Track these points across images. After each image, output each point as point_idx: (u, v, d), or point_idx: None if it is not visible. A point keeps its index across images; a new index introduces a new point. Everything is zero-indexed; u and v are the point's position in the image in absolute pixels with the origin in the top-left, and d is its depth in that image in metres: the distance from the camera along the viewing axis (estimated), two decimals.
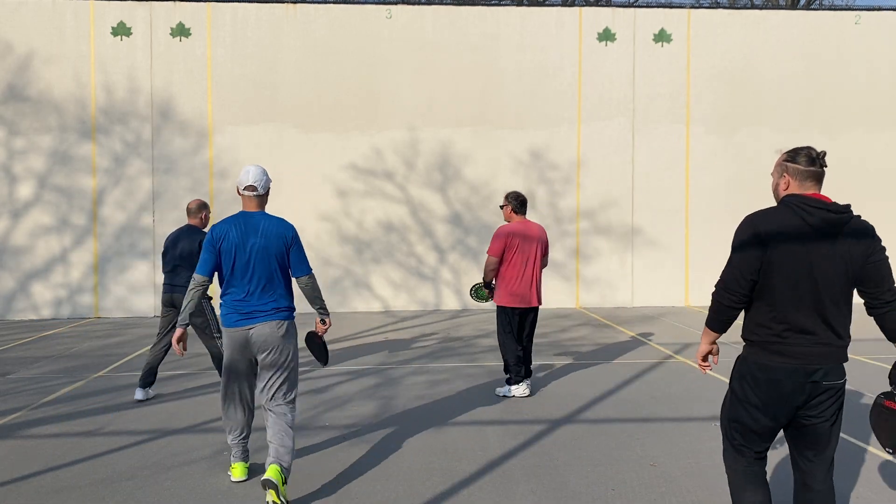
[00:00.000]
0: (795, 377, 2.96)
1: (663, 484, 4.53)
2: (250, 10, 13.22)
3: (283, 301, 4.34)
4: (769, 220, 2.97)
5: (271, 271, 4.28)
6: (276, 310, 4.30)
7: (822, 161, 3.01)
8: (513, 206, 6.80)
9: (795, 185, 3.04)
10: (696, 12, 13.86)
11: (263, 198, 4.41)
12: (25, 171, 12.84)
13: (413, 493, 4.42)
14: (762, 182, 13.78)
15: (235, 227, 4.28)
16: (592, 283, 13.67)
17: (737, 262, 3.01)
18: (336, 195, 13.32)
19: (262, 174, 4.36)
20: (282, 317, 4.31)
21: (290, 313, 4.37)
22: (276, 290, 4.31)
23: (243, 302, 4.27)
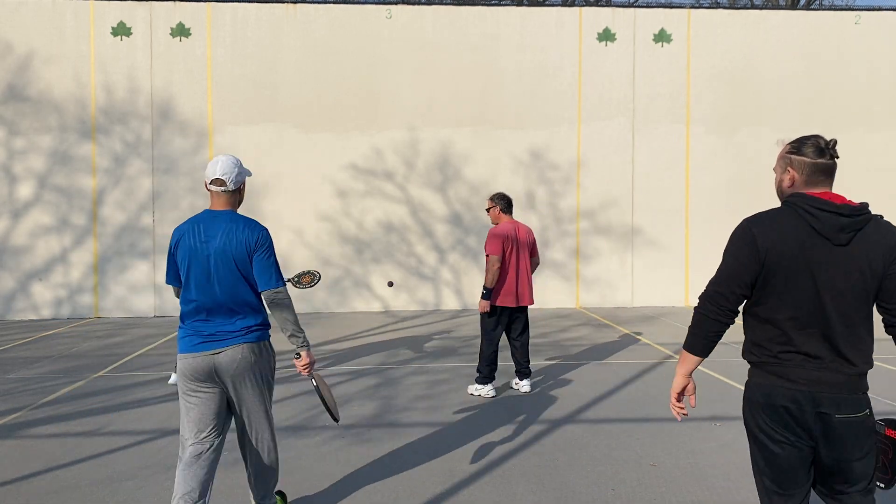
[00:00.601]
0: (799, 404, 2.49)
1: (663, 484, 4.53)
2: (250, 10, 13.22)
3: (255, 317, 3.63)
4: (768, 225, 2.52)
5: (237, 282, 3.55)
6: (248, 329, 3.60)
7: (832, 152, 2.55)
8: (501, 207, 6.92)
9: (802, 182, 2.57)
10: (696, 12, 13.86)
11: (234, 195, 3.65)
12: (25, 171, 12.84)
13: (413, 493, 4.42)
14: (762, 182, 13.79)
15: (193, 230, 3.56)
16: (592, 283, 13.66)
17: (727, 272, 2.58)
18: (336, 195, 13.32)
19: (234, 166, 3.61)
20: (255, 337, 3.62)
21: (266, 333, 3.70)
22: (246, 305, 3.59)
23: (204, 320, 3.57)
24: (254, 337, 3.62)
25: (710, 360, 8.31)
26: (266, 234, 3.62)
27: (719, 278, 2.61)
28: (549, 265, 13.56)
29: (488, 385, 6.75)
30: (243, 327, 3.59)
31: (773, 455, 2.55)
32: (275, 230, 13.17)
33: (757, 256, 2.51)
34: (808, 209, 2.49)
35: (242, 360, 3.57)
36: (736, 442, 5.35)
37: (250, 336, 3.60)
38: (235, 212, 3.66)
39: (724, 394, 6.79)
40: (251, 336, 3.61)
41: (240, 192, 3.70)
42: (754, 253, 2.51)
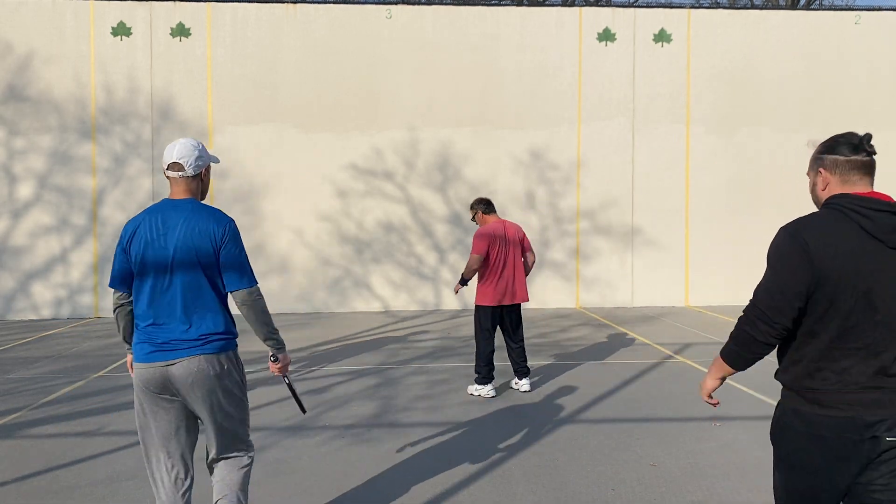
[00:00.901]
0: (847, 432, 2.18)
1: (663, 484, 4.53)
2: (250, 10, 13.22)
3: (218, 324, 3.16)
4: (818, 229, 2.22)
5: (199, 282, 3.10)
6: (206, 338, 3.12)
7: (868, 147, 2.34)
8: (481, 210, 6.96)
9: (837, 183, 2.33)
10: (696, 12, 13.86)
11: (195, 182, 3.22)
12: (25, 171, 12.84)
13: (413, 493, 4.42)
14: (762, 182, 13.80)
15: (149, 222, 3.12)
16: (592, 283, 13.66)
17: (778, 285, 2.24)
18: (336, 195, 13.31)
19: (193, 149, 3.19)
20: (217, 348, 3.13)
21: (231, 343, 3.22)
22: (208, 310, 3.14)
23: (158, 326, 3.11)
24: (214, 347, 3.12)
25: (710, 360, 8.31)
26: (233, 225, 3.17)
27: (770, 293, 2.27)
28: (549, 265, 13.56)
29: (488, 385, 6.75)
30: (201, 336, 3.10)
31: (810, 488, 2.27)
32: (275, 230, 13.17)
33: (810, 265, 2.21)
34: (857, 209, 2.23)
35: (199, 374, 3.07)
36: (736, 442, 5.35)
37: (209, 347, 3.11)
38: (198, 200, 3.23)
39: (725, 394, 6.79)
40: (210, 347, 3.11)
41: (201, 178, 3.25)
42: (807, 262, 2.21)
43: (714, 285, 13.70)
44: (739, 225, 13.77)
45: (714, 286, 13.69)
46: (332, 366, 8.25)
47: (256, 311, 3.19)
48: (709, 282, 13.68)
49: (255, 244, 13.16)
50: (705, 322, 11.51)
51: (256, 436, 5.56)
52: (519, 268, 6.82)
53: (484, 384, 6.75)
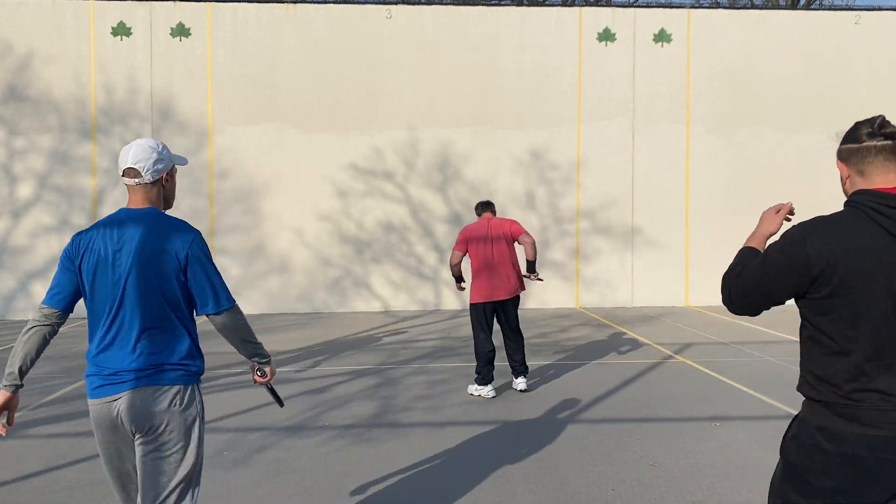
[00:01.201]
0: (877, 452, 1.98)
1: (663, 484, 4.53)
2: (250, 10, 13.22)
3: (175, 353, 2.70)
4: (827, 230, 2.03)
5: (157, 306, 2.67)
6: (156, 368, 2.66)
7: (887, 130, 2.04)
8: (476, 212, 7.11)
9: (856, 174, 2.09)
10: (696, 12, 13.85)
11: (155, 189, 2.78)
12: (25, 171, 12.84)
13: (413, 493, 4.42)
14: (762, 182, 13.80)
15: (103, 236, 2.70)
16: (592, 282, 13.66)
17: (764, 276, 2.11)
18: (336, 195, 13.31)
19: (151, 151, 2.75)
20: (169, 379, 2.67)
21: (189, 375, 2.72)
22: (165, 336, 2.69)
23: (107, 355, 2.67)
24: (165, 379, 2.66)
25: (710, 360, 8.31)
26: (199, 239, 2.74)
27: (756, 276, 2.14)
28: (549, 265, 13.56)
29: (488, 386, 6.74)
30: (151, 365, 2.65)
31: None
32: (275, 230, 13.17)
33: (798, 268, 2.03)
34: (876, 207, 1.98)
35: (144, 410, 2.63)
36: (736, 442, 5.35)
37: (159, 378, 2.66)
38: (160, 211, 2.80)
39: (725, 394, 6.79)
40: (161, 378, 2.66)
41: (162, 184, 2.81)
42: (796, 264, 2.04)
43: (714, 285, 13.66)
44: (739, 225, 13.75)
45: (714, 286, 13.66)
46: (332, 366, 8.25)
47: (238, 332, 2.80)
48: (709, 282, 13.66)
49: (255, 244, 13.16)
50: (705, 322, 11.51)
51: (256, 436, 5.56)
52: (505, 263, 6.78)
53: (483, 384, 6.75)
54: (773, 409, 6.26)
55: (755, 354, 8.71)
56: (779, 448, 2.23)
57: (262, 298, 13.16)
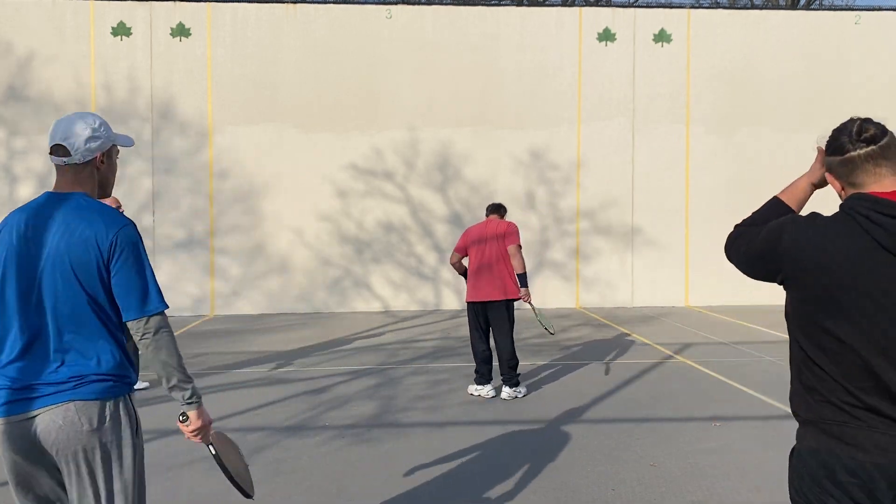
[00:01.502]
0: (868, 479, 1.81)
1: (663, 484, 4.53)
2: (250, 10, 13.22)
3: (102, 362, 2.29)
4: (809, 230, 1.91)
5: (78, 306, 2.27)
6: (80, 379, 2.26)
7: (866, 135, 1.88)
8: (486, 213, 7.17)
9: (852, 188, 1.99)
10: (696, 12, 13.85)
11: (87, 170, 2.38)
12: (26, 171, 12.84)
13: (413, 493, 4.42)
14: (762, 182, 13.77)
15: (20, 221, 2.33)
16: (592, 282, 13.66)
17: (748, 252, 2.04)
18: (336, 195, 13.31)
19: (85, 127, 2.35)
20: (95, 393, 2.27)
21: (119, 386, 2.33)
22: (90, 342, 2.29)
23: (20, 365, 2.28)
24: (91, 392, 2.26)
25: (710, 360, 8.32)
26: (129, 231, 2.32)
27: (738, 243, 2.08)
28: (549, 265, 13.56)
29: (487, 385, 6.75)
30: (73, 377, 2.26)
31: None
32: (275, 230, 13.17)
33: (769, 256, 1.96)
34: (867, 214, 1.82)
35: (67, 429, 2.23)
36: (736, 442, 5.35)
37: (84, 391, 2.26)
38: (88, 196, 2.37)
39: (725, 394, 6.79)
40: (86, 391, 2.26)
41: (96, 166, 2.40)
42: (767, 251, 1.97)
43: (714, 285, 13.68)
44: None
45: (714, 286, 13.68)
46: (332, 366, 8.25)
47: (159, 346, 2.31)
48: (709, 282, 13.67)
49: (255, 244, 13.16)
50: (705, 322, 11.51)
51: (256, 436, 5.57)
52: (494, 265, 6.73)
53: (482, 384, 6.76)
54: (773, 409, 6.26)
55: (755, 354, 8.72)
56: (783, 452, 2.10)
57: (262, 298, 13.16)
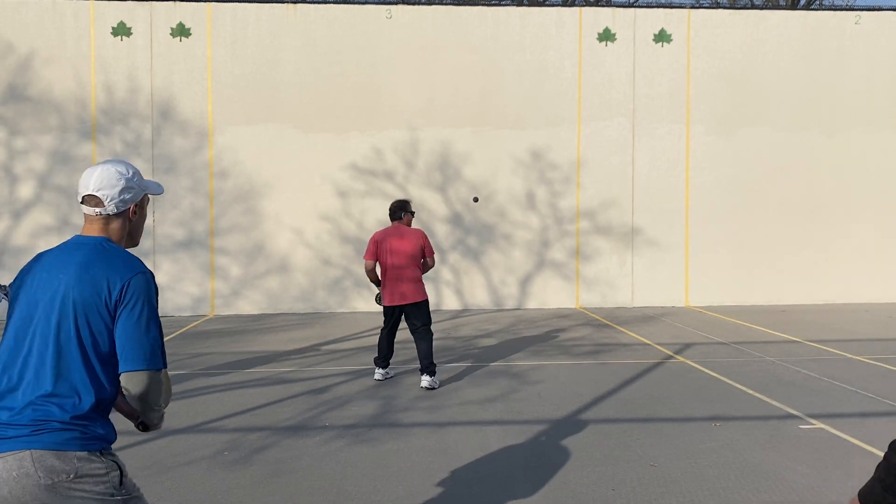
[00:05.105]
0: None
1: (663, 484, 4.54)
2: (250, 10, 13.22)
3: (76, 405, 2.11)
4: None
5: (66, 347, 2.14)
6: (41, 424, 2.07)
7: None
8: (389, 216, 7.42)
9: None
10: (696, 12, 13.85)
11: (119, 221, 2.34)
12: (26, 171, 12.84)
13: (413, 493, 4.42)
14: (762, 182, 13.80)
15: (43, 260, 2.29)
16: (592, 283, 13.66)
17: None
18: (336, 195, 13.31)
19: (119, 178, 2.31)
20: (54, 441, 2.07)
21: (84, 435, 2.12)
22: (62, 386, 2.11)
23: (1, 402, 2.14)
24: (53, 441, 2.06)
25: (710, 360, 8.32)
26: (143, 280, 2.21)
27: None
28: (549, 265, 13.56)
29: (378, 369, 7.38)
30: (35, 420, 2.07)
31: None
32: (275, 230, 13.17)
33: None
34: None
35: (20, 481, 2.02)
36: (736, 442, 5.35)
37: (44, 439, 2.05)
38: (110, 241, 2.30)
39: (725, 394, 6.79)
40: (46, 439, 2.06)
41: (128, 217, 2.34)
42: None
43: (714, 285, 13.70)
44: (739, 225, 13.78)
45: (714, 286, 13.69)
46: (332, 366, 8.25)
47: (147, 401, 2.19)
48: (709, 282, 13.68)
49: (255, 244, 13.16)
50: (705, 322, 11.51)
51: (256, 436, 5.57)
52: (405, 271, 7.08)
53: (375, 366, 7.44)
54: (773, 409, 6.27)
55: (755, 354, 8.72)
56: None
57: (262, 298, 13.16)
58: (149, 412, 2.24)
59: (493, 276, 13.51)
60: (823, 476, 4.65)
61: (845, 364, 8.10)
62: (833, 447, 5.21)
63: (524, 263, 13.54)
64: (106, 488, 2.10)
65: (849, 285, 13.73)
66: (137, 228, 2.41)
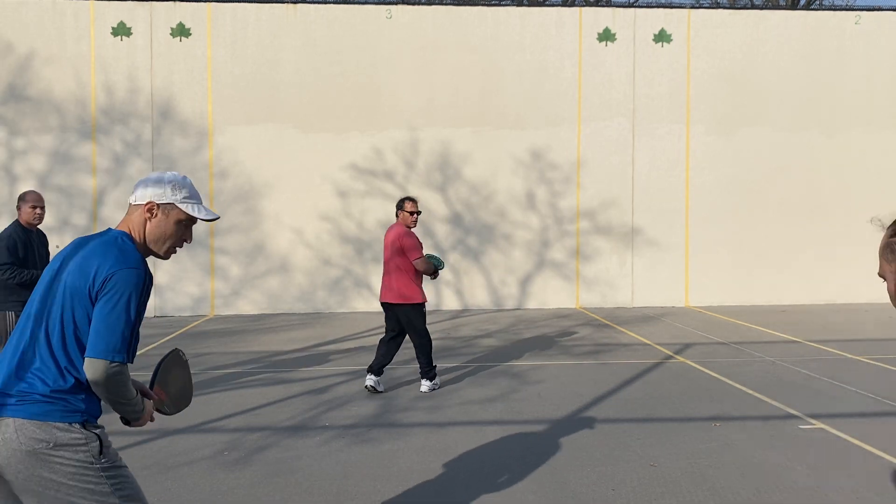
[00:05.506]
0: None
1: (663, 484, 4.54)
2: (250, 10, 13.22)
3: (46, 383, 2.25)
4: None
5: (56, 327, 2.29)
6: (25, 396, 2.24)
7: None
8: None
9: None
10: (696, 12, 13.85)
11: (136, 212, 2.50)
12: (26, 171, 12.84)
13: (413, 493, 4.42)
14: (762, 182, 13.81)
15: (69, 245, 2.49)
16: (592, 283, 13.66)
17: None
18: (336, 195, 13.31)
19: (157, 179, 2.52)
20: (36, 411, 2.22)
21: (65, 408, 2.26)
22: (50, 361, 2.26)
23: None
24: (35, 411, 2.21)
25: (710, 360, 8.32)
26: (130, 275, 2.29)
27: None
28: (549, 265, 13.56)
29: (368, 375, 6.96)
30: (20, 391, 2.23)
31: None
32: (275, 230, 13.17)
33: None
34: None
35: (4, 445, 2.19)
36: (736, 442, 5.35)
37: (27, 409, 2.22)
38: (124, 234, 2.45)
39: (724, 394, 6.79)
40: (30, 409, 2.22)
41: (144, 214, 2.48)
42: None
43: (714, 285, 13.70)
44: (739, 225, 13.78)
45: (714, 286, 13.69)
46: (332, 366, 8.25)
47: (108, 392, 2.28)
48: (709, 282, 13.68)
49: (255, 244, 13.16)
50: (705, 322, 11.51)
51: (256, 436, 5.57)
52: (391, 270, 7.02)
53: (367, 373, 7.01)
54: (772, 409, 6.27)
55: (755, 354, 8.72)
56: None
57: (262, 298, 13.16)
58: (115, 405, 2.33)
59: (493, 276, 13.51)
60: (823, 476, 4.65)
61: (845, 364, 8.10)
62: (833, 447, 5.21)
63: (524, 263, 13.54)
64: (85, 457, 2.25)
65: (849, 285, 13.73)
66: (154, 236, 2.49)
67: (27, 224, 5.81)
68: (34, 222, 5.84)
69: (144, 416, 2.50)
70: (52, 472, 2.21)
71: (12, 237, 5.66)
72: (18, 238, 5.69)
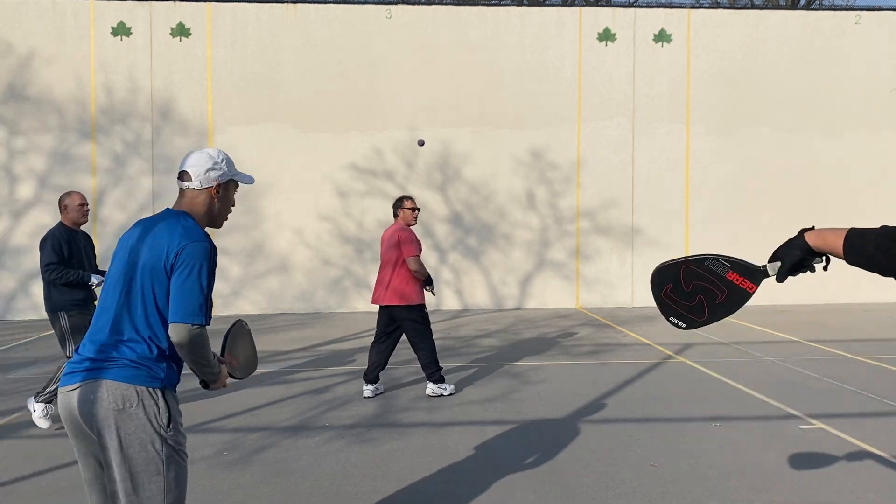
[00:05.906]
0: None
1: (663, 484, 4.54)
2: (250, 10, 13.22)
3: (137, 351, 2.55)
4: None
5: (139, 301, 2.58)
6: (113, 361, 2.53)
7: None
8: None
9: None
10: (696, 12, 13.85)
11: (202, 196, 2.75)
12: (26, 171, 12.84)
13: (413, 493, 4.42)
14: (762, 182, 13.81)
15: (137, 226, 2.76)
16: (593, 282, 13.66)
17: None
18: (336, 195, 13.31)
19: (208, 158, 2.75)
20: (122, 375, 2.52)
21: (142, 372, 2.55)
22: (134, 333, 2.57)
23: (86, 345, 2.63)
24: (120, 374, 2.51)
25: (710, 360, 8.32)
26: (196, 248, 2.58)
27: None
28: (549, 265, 13.56)
29: (366, 385, 6.77)
30: (110, 358, 2.53)
31: None
32: (275, 230, 13.17)
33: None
34: None
35: (94, 405, 2.49)
36: (736, 442, 5.35)
37: (113, 372, 2.51)
38: (187, 214, 2.72)
39: (724, 394, 6.79)
40: (115, 373, 2.52)
41: (213, 196, 2.75)
42: None
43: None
44: (739, 225, 13.77)
45: None
46: (332, 366, 8.25)
47: (192, 353, 2.58)
48: None
49: (255, 244, 13.16)
50: None
51: (256, 436, 5.57)
52: (386, 272, 6.71)
53: (364, 382, 6.80)
54: (772, 408, 6.26)
55: (755, 354, 8.72)
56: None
57: (262, 298, 13.16)
58: (198, 366, 2.64)
59: (493, 276, 13.51)
60: (823, 476, 4.65)
61: (845, 364, 8.10)
62: (833, 447, 5.21)
63: (524, 263, 13.54)
64: (157, 423, 2.54)
65: (849, 285, 13.72)
66: (220, 210, 2.81)
67: (73, 223, 5.93)
68: (82, 220, 5.96)
69: (221, 378, 2.78)
70: (128, 436, 2.49)
71: (57, 237, 5.79)
72: (63, 238, 5.81)
